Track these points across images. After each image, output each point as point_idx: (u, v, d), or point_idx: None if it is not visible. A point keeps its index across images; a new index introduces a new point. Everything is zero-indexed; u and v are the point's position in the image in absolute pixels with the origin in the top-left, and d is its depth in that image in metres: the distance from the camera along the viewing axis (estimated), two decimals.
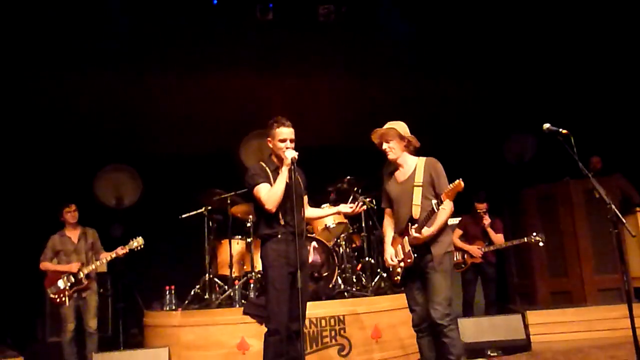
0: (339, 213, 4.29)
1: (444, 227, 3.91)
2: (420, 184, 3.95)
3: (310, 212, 4.29)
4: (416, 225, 3.81)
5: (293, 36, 7.66)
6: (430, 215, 3.78)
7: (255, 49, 7.66)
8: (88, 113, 7.49)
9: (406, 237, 3.94)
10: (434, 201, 3.72)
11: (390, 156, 4.08)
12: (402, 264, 3.99)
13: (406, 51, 7.98)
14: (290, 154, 3.79)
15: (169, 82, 7.64)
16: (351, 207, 4.26)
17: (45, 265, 5.63)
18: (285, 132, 3.89)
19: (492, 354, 5.32)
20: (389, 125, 4.14)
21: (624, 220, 3.37)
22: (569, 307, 6.36)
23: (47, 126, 7.36)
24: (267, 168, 3.96)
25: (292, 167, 3.77)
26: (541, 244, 5.92)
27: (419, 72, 8.09)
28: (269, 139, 3.95)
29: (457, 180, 3.63)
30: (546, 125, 3.75)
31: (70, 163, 7.48)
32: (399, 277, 4.05)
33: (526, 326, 5.59)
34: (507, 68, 8.02)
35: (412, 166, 4.07)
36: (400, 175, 4.12)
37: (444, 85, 8.22)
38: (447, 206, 3.82)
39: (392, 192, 4.13)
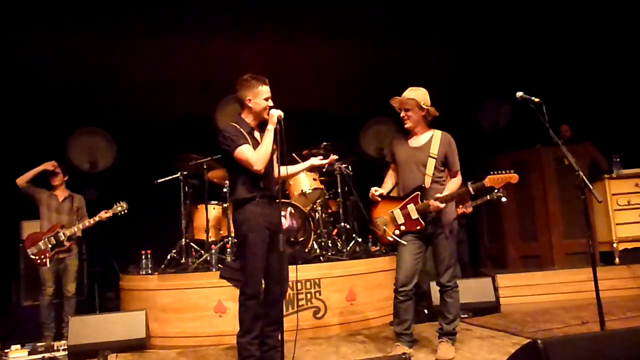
0: (311, 167, 4.26)
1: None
2: (436, 155, 4.10)
3: (282, 170, 4.13)
4: (439, 195, 3.99)
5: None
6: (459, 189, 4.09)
7: (231, 11, 7.49)
8: (61, 76, 7.31)
9: (412, 205, 4.08)
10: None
11: (408, 125, 4.18)
12: (402, 227, 4.13)
13: (383, 16, 7.91)
14: (276, 113, 3.70)
15: (144, 45, 7.45)
16: (321, 159, 4.24)
17: (21, 178, 5.59)
18: (268, 89, 3.82)
19: (463, 315, 5.47)
20: (410, 93, 4.20)
21: (592, 187, 3.47)
22: (537, 270, 6.54)
23: (17, 89, 7.20)
24: (242, 129, 3.79)
25: (279, 126, 3.68)
26: (504, 199, 6.05)
27: (397, 39, 8.04)
28: (248, 97, 3.79)
29: (513, 173, 3.94)
30: (519, 94, 3.82)
31: (43, 126, 7.35)
32: (391, 238, 4.15)
33: (496, 289, 5.77)
34: (481, 36, 8.00)
35: (427, 136, 4.19)
36: (414, 141, 4.21)
37: (421, 52, 8.20)
38: (459, 177, 4.18)
39: (401, 154, 4.22)
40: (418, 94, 4.18)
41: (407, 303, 4.14)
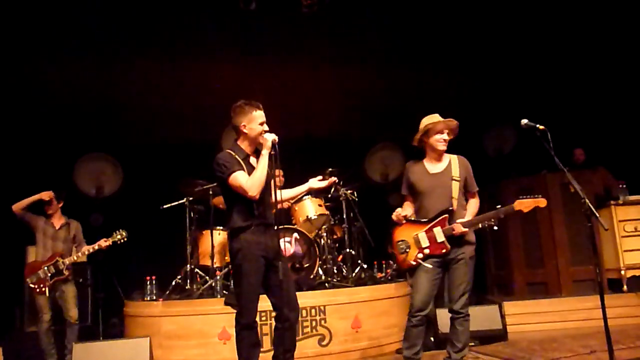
0: (310, 189, 4.21)
1: None
2: (458, 178, 4.12)
3: (283, 193, 4.03)
4: (462, 220, 4.01)
5: (276, 27, 7.64)
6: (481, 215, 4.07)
7: (239, 39, 7.61)
8: (70, 101, 7.41)
9: (439, 228, 4.04)
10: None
11: (442, 148, 4.18)
12: (427, 250, 4.07)
13: (389, 42, 8.00)
14: (270, 137, 3.66)
15: (152, 72, 7.58)
16: (320, 180, 4.17)
17: (17, 205, 5.57)
18: (262, 114, 3.77)
19: (470, 344, 5.41)
20: (438, 118, 4.27)
21: (598, 214, 3.46)
22: (544, 297, 6.48)
23: (25, 114, 7.28)
24: (236, 156, 3.73)
25: (273, 151, 3.66)
26: (495, 227, 6.01)
27: (401, 64, 8.11)
28: (243, 124, 3.75)
29: (542, 198, 3.94)
30: (524, 121, 3.84)
31: (50, 152, 7.41)
32: (415, 262, 4.09)
33: (503, 316, 5.71)
34: (490, 61, 8.07)
35: (446, 161, 4.21)
36: (433, 167, 4.21)
37: (427, 77, 8.27)
38: (477, 199, 4.24)
39: (422, 182, 4.18)
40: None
41: (420, 328, 4.11)
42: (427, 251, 4.08)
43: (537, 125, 3.78)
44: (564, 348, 5.02)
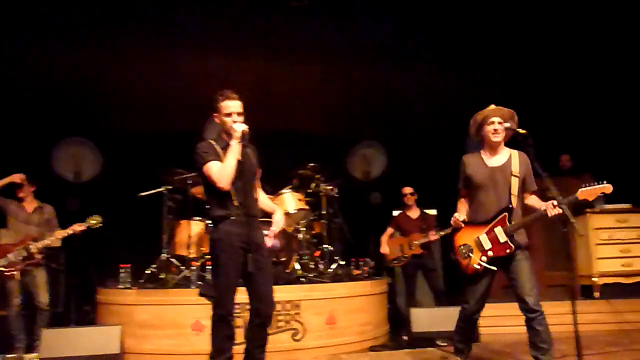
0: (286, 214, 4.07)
1: None
2: (518, 174, 3.90)
3: (262, 198, 4.03)
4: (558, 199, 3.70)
5: (264, 20, 7.61)
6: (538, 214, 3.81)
7: (225, 31, 7.57)
8: (51, 86, 7.30)
9: (500, 227, 3.87)
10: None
11: (496, 139, 3.93)
12: (490, 252, 3.90)
13: (376, 41, 8.01)
14: (240, 127, 3.60)
15: (137, 59, 7.51)
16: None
17: None
18: (232, 105, 3.69)
19: (441, 344, 5.45)
20: (500, 108, 4.00)
21: (573, 220, 3.49)
22: (515, 301, 6.53)
23: (5, 97, 7.15)
24: (216, 146, 3.71)
25: (243, 141, 3.62)
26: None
27: (387, 62, 8.13)
28: (215, 114, 3.74)
29: (607, 184, 3.72)
30: (506, 125, 3.86)
31: (29, 135, 7.28)
32: (479, 266, 3.92)
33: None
34: (477, 62, 8.11)
35: (506, 155, 3.97)
36: (492, 161, 3.99)
37: (413, 76, 8.29)
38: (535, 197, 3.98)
39: (479, 175, 3.98)
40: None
41: (473, 327, 4.16)
42: (490, 253, 3.90)
43: (519, 130, 3.81)
44: None
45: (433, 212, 6.89)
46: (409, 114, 8.58)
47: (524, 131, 3.82)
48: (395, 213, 7.18)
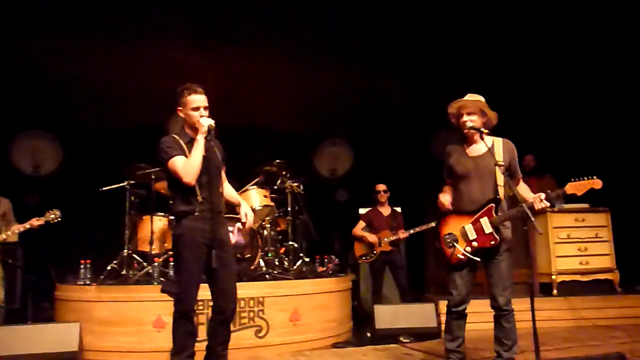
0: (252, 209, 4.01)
1: None
2: (502, 163, 3.85)
3: (227, 190, 4.02)
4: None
5: (231, 14, 7.52)
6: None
7: (190, 24, 7.47)
8: (10, 76, 7.08)
9: (485, 218, 3.82)
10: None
11: (470, 125, 3.87)
12: (475, 243, 3.86)
13: (344, 41, 8.01)
14: (206, 122, 3.57)
15: (98, 51, 7.33)
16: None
17: None
18: (198, 99, 3.65)
19: (404, 340, 5.50)
20: (472, 97, 3.95)
21: (533, 219, 3.55)
22: (479, 298, 6.63)
23: None
24: (180, 140, 3.68)
25: (209, 136, 3.59)
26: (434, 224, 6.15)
27: (354, 62, 8.15)
28: (179, 108, 3.69)
29: (597, 179, 3.67)
30: (469, 124, 3.90)
31: None
32: (463, 256, 3.88)
33: (438, 314, 5.81)
34: (441, 65, 8.19)
35: (487, 143, 3.89)
36: (473, 150, 3.95)
37: (377, 77, 8.33)
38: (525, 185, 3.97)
39: (460, 165, 3.95)
40: (481, 98, 3.95)
41: (461, 321, 4.02)
42: (475, 244, 3.86)
43: (482, 129, 3.86)
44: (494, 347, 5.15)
45: (397, 209, 6.94)
46: (375, 112, 8.62)
47: (486, 131, 3.88)
48: (362, 211, 7.22)
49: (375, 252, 6.52)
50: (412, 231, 6.38)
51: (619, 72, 7.48)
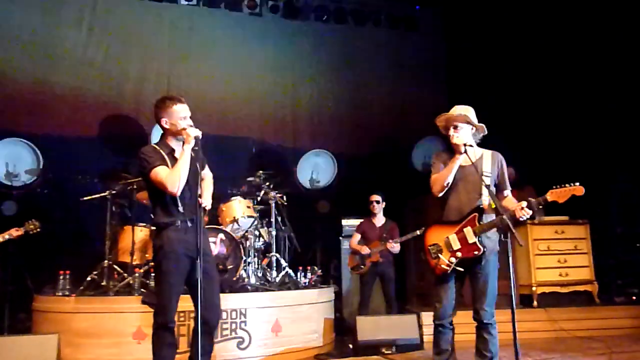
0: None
1: None
2: (489, 174, 3.88)
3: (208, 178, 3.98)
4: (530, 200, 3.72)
5: (214, 23, 7.57)
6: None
7: (173, 32, 7.49)
8: None
9: (469, 228, 3.81)
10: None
11: (454, 141, 3.86)
12: (459, 253, 3.84)
13: (327, 49, 8.09)
14: (194, 132, 3.55)
15: (77, 61, 7.32)
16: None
17: None
18: (183, 108, 3.64)
19: (386, 352, 5.50)
20: (459, 109, 3.97)
21: (514, 230, 3.59)
22: (459, 310, 6.67)
23: None
24: (161, 151, 3.64)
25: (196, 146, 3.56)
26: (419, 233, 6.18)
27: (339, 71, 8.21)
28: (164, 119, 3.64)
29: (579, 186, 3.64)
30: (456, 140, 3.92)
31: None
32: (447, 267, 3.83)
33: (420, 326, 5.83)
34: (428, 73, 8.28)
35: (476, 155, 3.92)
36: (462, 161, 3.90)
37: (366, 86, 8.41)
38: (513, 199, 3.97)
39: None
40: (467, 112, 3.96)
41: (446, 335, 3.97)
42: (459, 254, 3.84)
43: (466, 143, 3.90)
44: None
45: (392, 220, 6.89)
46: (359, 123, 8.67)
47: (469, 144, 3.92)
48: (344, 222, 7.22)
49: (365, 264, 6.50)
50: (398, 241, 6.37)
51: (595, 86, 7.62)
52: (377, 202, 6.63)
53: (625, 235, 7.57)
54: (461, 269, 3.86)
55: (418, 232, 6.16)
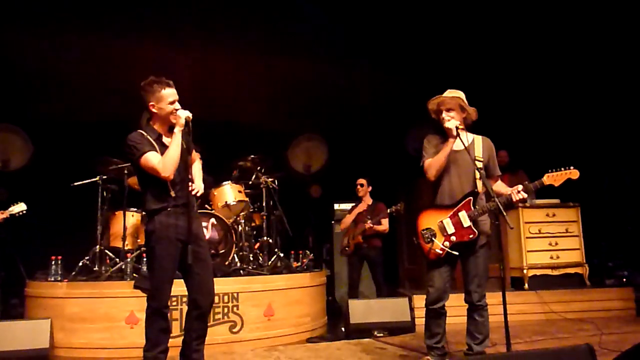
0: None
1: None
2: (481, 159, 3.89)
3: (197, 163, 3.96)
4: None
5: (205, 7, 7.46)
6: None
7: (165, 18, 7.39)
8: None
9: (464, 212, 3.82)
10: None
11: (447, 125, 3.86)
12: (453, 237, 3.84)
13: (317, 34, 8.00)
14: (184, 114, 3.52)
15: (69, 44, 7.21)
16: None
17: None
18: (172, 92, 3.59)
19: (378, 334, 5.54)
20: (451, 93, 3.95)
21: (505, 213, 3.60)
22: (451, 292, 6.72)
23: None
24: (148, 136, 3.59)
25: (186, 128, 3.53)
26: (402, 211, 6.30)
27: (329, 57, 8.15)
28: (151, 103, 3.58)
29: (574, 169, 3.70)
30: (448, 125, 3.91)
31: None
32: (441, 251, 3.84)
33: (412, 309, 5.87)
34: (418, 59, 8.23)
35: (468, 140, 3.91)
36: (454, 145, 3.89)
37: (354, 72, 8.35)
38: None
39: None
40: (460, 94, 3.95)
41: (439, 319, 3.97)
42: (453, 238, 3.83)
43: (458, 126, 3.89)
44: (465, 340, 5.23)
45: (379, 202, 6.91)
46: (351, 107, 8.64)
47: (462, 127, 3.91)
48: (336, 206, 7.24)
49: (348, 246, 6.55)
50: (373, 221, 6.40)
51: (588, 70, 7.62)
52: (362, 185, 6.68)
53: (616, 218, 7.63)
54: (455, 253, 3.85)
55: (394, 208, 6.22)
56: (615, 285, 6.97)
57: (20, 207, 5.22)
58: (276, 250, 6.33)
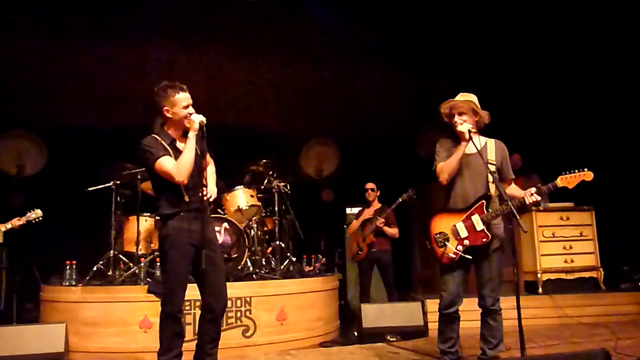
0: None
1: None
2: (494, 162, 3.88)
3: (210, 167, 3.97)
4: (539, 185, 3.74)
5: (218, 14, 7.52)
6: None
7: (176, 25, 7.45)
8: None
9: (477, 215, 3.80)
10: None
11: (459, 129, 3.83)
12: (466, 241, 3.82)
13: (332, 38, 8.03)
14: (198, 118, 3.54)
15: (86, 51, 7.29)
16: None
17: None
18: (187, 96, 3.60)
19: (391, 339, 5.52)
20: (463, 97, 3.94)
21: (518, 217, 3.58)
22: (465, 297, 6.68)
23: None
24: (162, 141, 3.60)
25: (200, 133, 3.55)
26: (414, 196, 6.36)
27: (341, 61, 8.16)
28: (165, 108, 3.59)
29: (589, 171, 3.69)
30: (460, 128, 3.89)
31: None
32: (454, 255, 3.82)
33: (425, 313, 5.84)
34: (431, 62, 8.22)
35: (480, 143, 3.90)
36: (467, 148, 3.88)
37: (365, 76, 8.35)
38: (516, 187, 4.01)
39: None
40: (472, 98, 3.94)
41: (453, 324, 3.95)
42: (467, 242, 3.82)
43: (471, 130, 3.87)
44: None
45: (386, 205, 6.92)
46: (362, 111, 8.64)
47: (474, 130, 3.89)
48: (349, 210, 7.23)
49: (361, 250, 6.54)
50: (384, 216, 6.40)
51: (600, 73, 7.56)
52: (372, 189, 6.68)
53: (631, 221, 7.55)
54: (469, 257, 3.83)
55: (400, 200, 6.22)
56: (630, 289, 6.87)
57: (36, 214, 5.29)
58: (288, 254, 6.34)
